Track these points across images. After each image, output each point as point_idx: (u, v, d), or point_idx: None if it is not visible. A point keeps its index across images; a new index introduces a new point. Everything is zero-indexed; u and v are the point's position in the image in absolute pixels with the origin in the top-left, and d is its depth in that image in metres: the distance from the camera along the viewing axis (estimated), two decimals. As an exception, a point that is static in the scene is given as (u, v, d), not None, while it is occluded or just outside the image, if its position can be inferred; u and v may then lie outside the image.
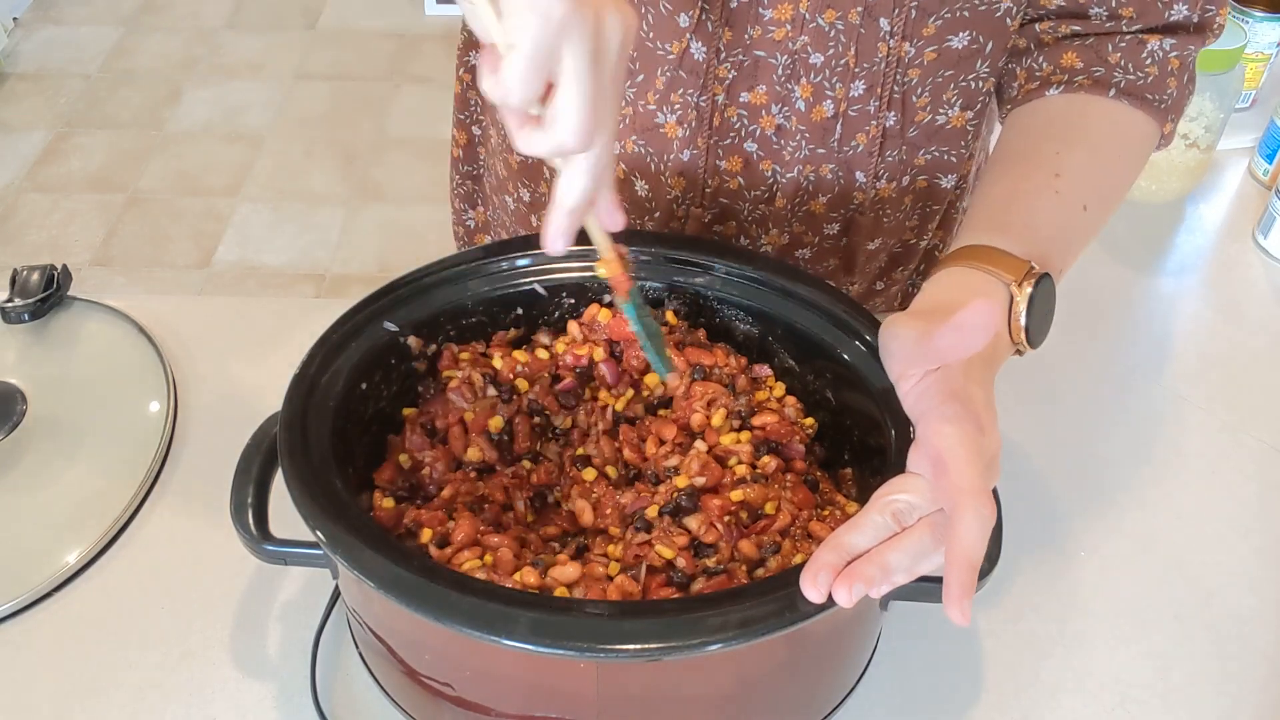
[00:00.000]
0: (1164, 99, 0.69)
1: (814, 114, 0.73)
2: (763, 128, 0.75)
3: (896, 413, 0.56)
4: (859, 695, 0.63)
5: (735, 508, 0.57)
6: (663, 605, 0.49)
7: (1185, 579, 0.71)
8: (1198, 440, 0.80)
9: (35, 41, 2.92)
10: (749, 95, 0.73)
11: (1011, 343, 0.58)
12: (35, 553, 0.69)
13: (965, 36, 0.71)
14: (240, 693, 0.63)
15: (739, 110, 0.74)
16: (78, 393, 0.79)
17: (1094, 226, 0.67)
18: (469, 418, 0.62)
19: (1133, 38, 0.69)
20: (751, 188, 0.78)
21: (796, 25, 0.69)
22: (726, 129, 0.75)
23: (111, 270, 2.26)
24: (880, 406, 0.58)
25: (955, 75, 0.74)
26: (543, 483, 0.61)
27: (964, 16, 0.69)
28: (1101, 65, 0.69)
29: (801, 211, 0.80)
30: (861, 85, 0.72)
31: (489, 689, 0.54)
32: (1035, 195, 0.64)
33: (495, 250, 0.66)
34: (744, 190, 0.78)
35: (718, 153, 0.76)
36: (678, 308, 0.68)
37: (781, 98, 0.73)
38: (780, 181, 0.77)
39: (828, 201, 0.79)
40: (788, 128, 0.74)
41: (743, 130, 0.75)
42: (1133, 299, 0.92)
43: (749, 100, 0.73)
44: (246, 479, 0.57)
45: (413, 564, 0.49)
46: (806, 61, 0.71)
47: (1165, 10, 0.68)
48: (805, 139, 0.75)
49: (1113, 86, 0.68)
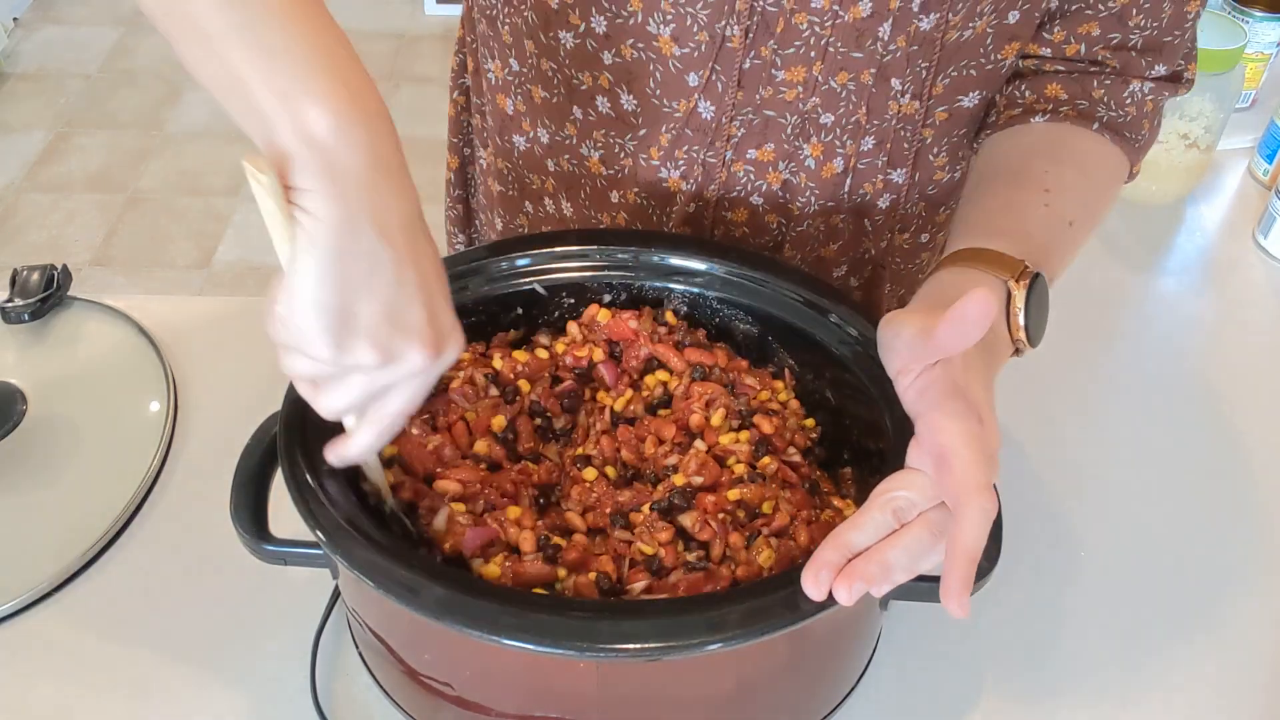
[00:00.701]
0: (1139, 138, 0.71)
1: (824, 171, 0.73)
2: (769, 183, 0.74)
3: (896, 412, 0.56)
4: (859, 695, 0.63)
5: (731, 506, 0.57)
6: (663, 605, 0.49)
7: (1185, 579, 0.71)
8: (1198, 440, 0.80)
9: (35, 41, 2.93)
10: (756, 153, 0.72)
11: (1011, 341, 0.59)
12: (35, 553, 0.69)
13: (976, 96, 0.71)
14: (240, 693, 0.63)
15: (745, 166, 0.73)
16: (78, 393, 0.79)
17: (1076, 244, 0.67)
18: (471, 418, 0.62)
19: (1116, 77, 0.70)
20: (756, 236, 0.78)
21: (809, 87, 0.68)
22: (733, 183, 0.74)
23: (111, 270, 2.26)
24: (879, 407, 0.58)
25: (968, 134, 0.74)
26: (544, 482, 0.61)
27: (971, 75, 0.70)
28: (1086, 99, 0.70)
29: (811, 258, 0.80)
30: (871, 140, 0.72)
31: (489, 689, 0.54)
32: (1026, 207, 0.65)
33: (495, 250, 0.66)
34: (749, 239, 0.78)
35: (724, 204, 0.75)
36: (677, 307, 0.68)
37: (789, 155, 0.72)
38: (789, 235, 0.77)
39: (838, 249, 0.79)
40: (795, 183, 0.74)
41: (749, 185, 0.74)
42: (1133, 299, 0.92)
43: (756, 157, 0.72)
44: (246, 479, 0.57)
45: (413, 564, 0.49)
46: (817, 122, 0.70)
47: (1147, 68, 0.70)
48: (815, 195, 0.74)
49: (1096, 120, 0.70)
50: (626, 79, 0.69)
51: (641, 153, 0.73)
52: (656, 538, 0.55)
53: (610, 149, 0.74)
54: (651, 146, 0.73)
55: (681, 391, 0.64)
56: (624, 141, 0.73)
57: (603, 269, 0.67)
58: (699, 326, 0.68)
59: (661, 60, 0.67)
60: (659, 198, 0.75)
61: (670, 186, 0.74)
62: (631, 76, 0.69)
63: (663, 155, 0.73)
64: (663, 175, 0.74)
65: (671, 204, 0.75)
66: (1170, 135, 0.95)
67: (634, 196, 0.76)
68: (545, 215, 0.83)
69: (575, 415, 0.64)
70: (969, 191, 0.70)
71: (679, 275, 0.67)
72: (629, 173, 0.75)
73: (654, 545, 0.55)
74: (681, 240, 0.71)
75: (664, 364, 0.65)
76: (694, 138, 0.71)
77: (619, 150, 0.74)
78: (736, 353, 0.67)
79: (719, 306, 0.67)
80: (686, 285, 0.67)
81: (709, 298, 0.67)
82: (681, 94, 0.69)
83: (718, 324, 0.68)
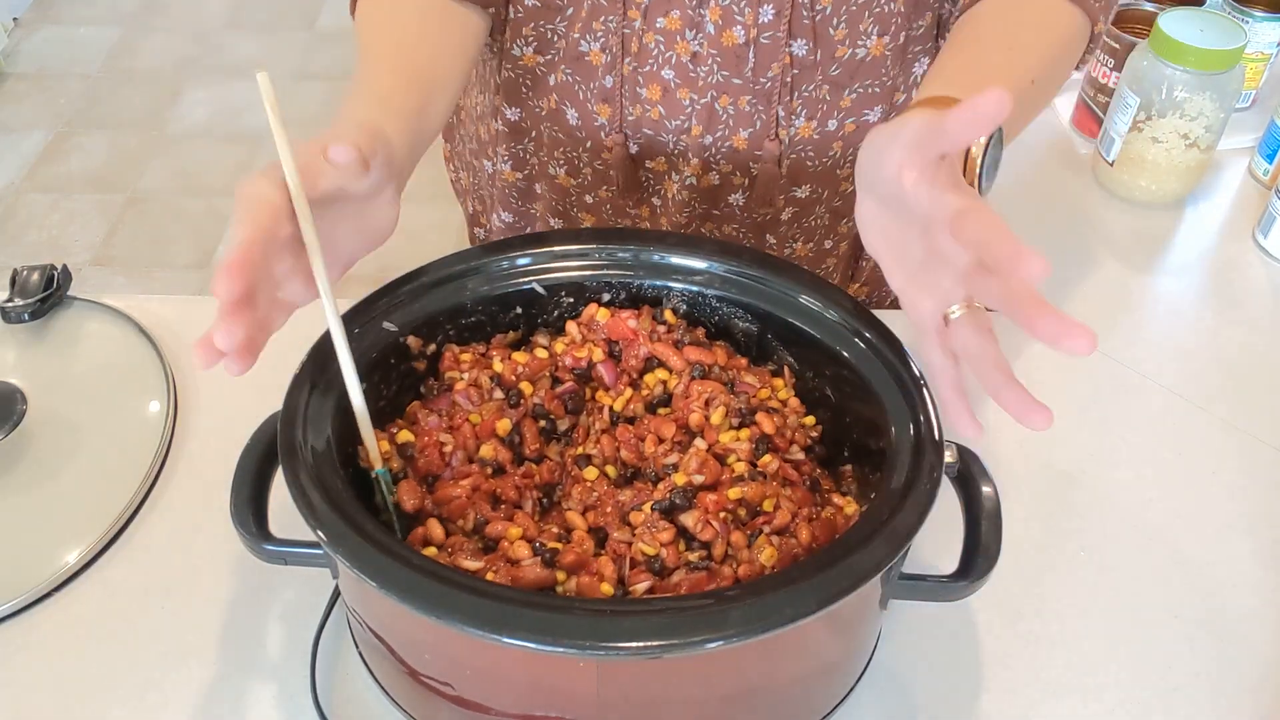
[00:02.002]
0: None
1: (724, 38, 0.77)
2: (678, 54, 0.78)
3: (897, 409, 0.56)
4: (859, 695, 0.63)
5: (733, 505, 0.57)
6: (663, 604, 0.49)
7: (1185, 579, 0.71)
8: (1198, 440, 0.80)
9: (35, 41, 2.93)
10: (664, 20, 0.77)
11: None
12: (35, 553, 0.69)
13: None
14: (240, 693, 0.63)
15: (656, 36, 0.78)
16: (78, 393, 0.79)
17: (1038, 103, 0.71)
18: (475, 420, 0.62)
19: None
20: (671, 117, 0.81)
21: None
22: (645, 55, 0.79)
23: (111, 270, 2.26)
24: (880, 403, 0.58)
25: (869, 3, 0.76)
26: (546, 482, 0.61)
27: None
28: None
29: (725, 148, 0.82)
30: (770, 10, 0.75)
31: (489, 688, 0.54)
32: (990, 66, 0.67)
33: (494, 249, 0.66)
34: (665, 120, 0.81)
35: (638, 79, 0.80)
36: (676, 306, 0.68)
37: (694, 23, 0.77)
38: (696, 108, 0.80)
39: (749, 138, 0.82)
40: (701, 54, 0.78)
41: (659, 57, 0.78)
42: (1133, 299, 0.92)
43: (665, 26, 0.77)
44: (246, 479, 0.57)
45: (413, 564, 0.49)
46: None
47: None
48: (718, 64, 0.78)
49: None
50: None
51: (570, 31, 0.79)
52: (658, 538, 0.55)
53: (543, 36, 0.81)
54: (576, 22, 0.79)
55: (681, 390, 0.64)
56: (554, 25, 0.80)
57: (602, 268, 0.67)
58: (698, 325, 0.68)
59: None
60: (583, 73, 0.81)
61: (591, 59, 0.80)
62: None
63: (582, 27, 0.79)
64: (583, 49, 0.80)
65: (593, 78, 0.80)
66: (1170, 135, 0.95)
67: (562, 75, 0.82)
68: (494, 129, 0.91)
69: (578, 416, 0.64)
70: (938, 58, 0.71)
71: (678, 274, 0.67)
72: (560, 54, 0.81)
73: (655, 546, 0.55)
74: (681, 239, 0.71)
75: (663, 363, 0.65)
76: (608, 6, 0.77)
77: (550, 34, 0.81)
78: (736, 351, 0.67)
79: (718, 305, 0.67)
80: (685, 284, 0.67)
81: (708, 296, 0.67)
82: None
83: (717, 322, 0.68)
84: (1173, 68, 0.92)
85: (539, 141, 0.89)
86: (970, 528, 0.57)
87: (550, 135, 0.87)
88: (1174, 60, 0.92)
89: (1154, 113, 0.95)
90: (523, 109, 0.87)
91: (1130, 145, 0.98)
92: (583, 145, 0.85)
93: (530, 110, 0.87)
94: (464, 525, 0.57)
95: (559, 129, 0.86)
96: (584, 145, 0.85)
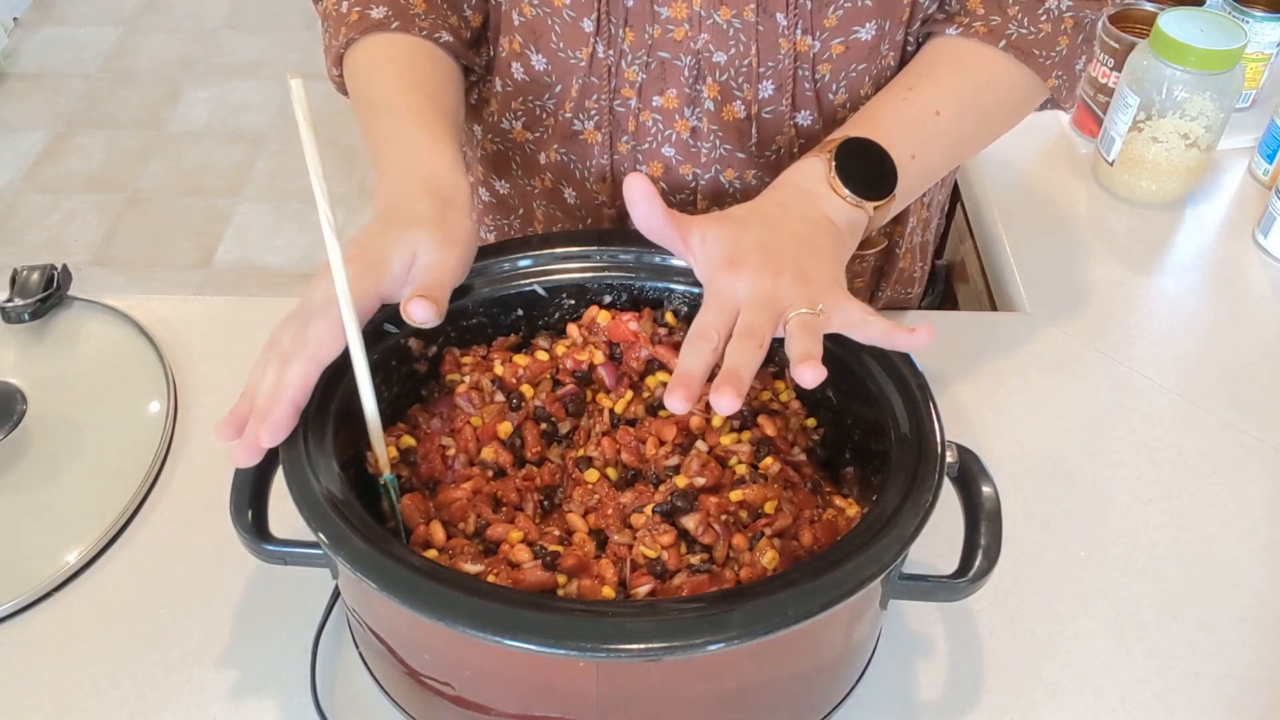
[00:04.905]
0: (1052, 55, 0.72)
1: (724, 114, 0.75)
2: (678, 131, 0.76)
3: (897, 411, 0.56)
4: (859, 695, 0.63)
5: (734, 507, 0.57)
6: (663, 605, 0.49)
7: (1185, 579, 0.71)
8: (1198, 440, 0.80)
9: (35, 41, 2.93)
10: (661, 99, 0.75)
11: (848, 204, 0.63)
12: (35, 553, 0.69)
13: (871, 27, 0.73)
14: (240, 693, 0.63)
15: (653, 114, 0.76)
16: (78, 393, 0.79)
17: (956, 133, 0.70)
18: (476, 423, 0.62)
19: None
20: (675, 191, 0.80)
21: (694, 24, 0.71)
22: (644, 134, 0.77)
23: (111, 270, 2.27)
24: (881, 406, 0.58)
25: (868, 68, 0.75)
26: (547, 484, 0.61)
27: (866, 6, 0.71)
28: (1000, 15, 0.72)
29: None
30: (770, 86, 0.74)
31: (489, 689, 0.54)
32: (883, 102, 0.69)
33: (495, 251, 0.66)
34: (669, 195, 0.80)
35: (637, 158, 0.78)
36: (678, 308, 0.68)
37: (692, 100, 0.75)
38: (700, 183, 0.79)
39: None
40: (701, 129, 0.76)
41: (659, 135, 0.77)
42: (1133, 299, 0.92)
43: (661, 104, 0.75)
44: (246, 479, 0.57)
45: (413, 564, 0.49)
46: (710, 61, 0.73)
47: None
48: (719, 139, 0.76)
49: (1004, 38, 0.71)
50: (533, 39, 0.74)
51: (560, 110, 0.78)
52: (659, 540, 0.55)
53: (531, 112, 0.79)
54: (566, 100, 0.76)
55: (682, 392, 0.64)
56: (543, 102, 0.78)
57: (603, 270, 0.67)
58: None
59: (556, 13, 0.72)
60: (578, 152, 0.79)
61: (586, 138, 0.78)
62: (536, 35, 0.74)
63: (574, 106, 0.77)
64: (577, 127, 0.78)
65: (590, 156, 0.79)
66: (1170, 135, 0.95)
67: (555, 155, 0.80)
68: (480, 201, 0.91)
69: (579, 419, 0.64)
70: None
71: (680, 276, 0.67)
72: (552, 132, 0.79)
73: (656, 548, 0.55)
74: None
75: (664, 365, 0.65)
76: (599, 85, 0.75)
77: (539, 111, 0.79)
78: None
79: (719, 307, 0.67)
80: (687, 286, 0.67)
81: (709, 298, 0.67)
82: (580, 42, 0.73)
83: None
84: (1173, 68, 0.92)
85: (527, 218, 0.88)
86: (970, 528, 0.57)
87: (546, 212, 0.85)
88: (1174, 60, 0.92)
89: (1154, 113, 0.95)
90: (512, 185, 0.86)
91: (1130, 145, 0.98)
92: (583, 223, 0.84)
93: (520, 188, 0.85)
94: (465, 528, 0.57)
95: (556, 207, 0.84)
96: (584, 223, 0.84)
